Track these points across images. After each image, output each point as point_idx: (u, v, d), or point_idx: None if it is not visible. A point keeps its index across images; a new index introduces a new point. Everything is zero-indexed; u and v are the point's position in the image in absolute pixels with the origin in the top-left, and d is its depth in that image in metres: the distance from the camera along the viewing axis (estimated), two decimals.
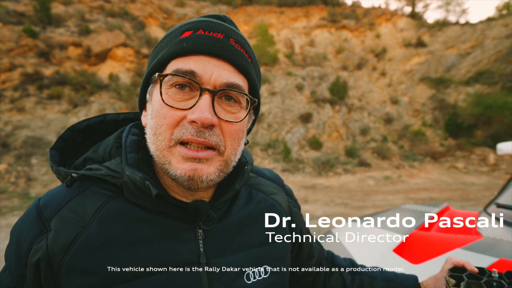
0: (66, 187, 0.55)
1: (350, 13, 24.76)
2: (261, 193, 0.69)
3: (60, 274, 0.50)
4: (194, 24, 0.53)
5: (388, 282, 0.79)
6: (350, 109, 17.92)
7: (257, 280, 0.59)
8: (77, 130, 0.65)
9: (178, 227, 0.55)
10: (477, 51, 20.28)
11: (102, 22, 16.81)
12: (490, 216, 1.65)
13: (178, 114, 0.50)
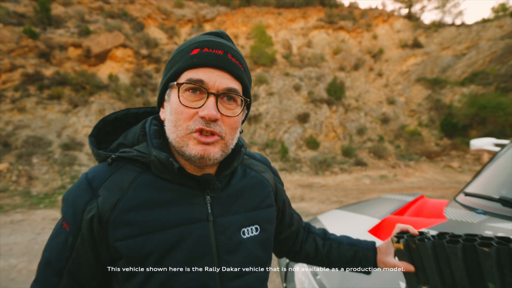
0: (108, 165, 0.73)
1: (347, 14, 24.98)
2: (253, 171, 0.87)
3: (108, 226, 0.67)
4: (200, 43, 0.71)
5: (351, 246, 0.98)
6: (347, 109, 18.13)
7: (250, 236, 0.78)
8: (108, 122, 0.83)
9: (192, 194, 0.73)
10: (472, 52, 20.53)
11: (101, 23, 16.95)
12: (458, 203, 1.84)
13: (192, 111, 0.68)
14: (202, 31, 20.62)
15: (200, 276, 0.70)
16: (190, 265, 0.69)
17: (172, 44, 18.99)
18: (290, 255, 1.02)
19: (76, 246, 0.68)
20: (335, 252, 0.97)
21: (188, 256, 0.69)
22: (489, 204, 1.67)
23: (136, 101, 13.60)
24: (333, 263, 0.99)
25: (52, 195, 9.21)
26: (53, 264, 0.70)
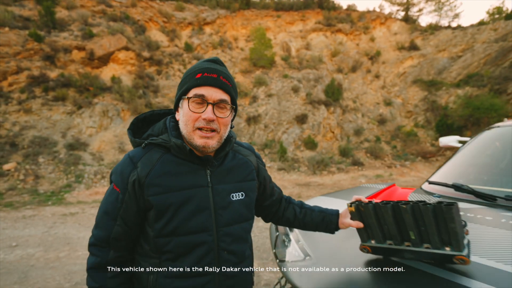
0: (142, 148, 1.08)
1: (345, 17, 25.37)
2: (240, 155, 1.22)
3: (143, 187, 1.01)
4: (202, 70, 1.05)
5: (321, 212, 1.35)
6: (344, 110, 18.49)
7: (237, 199, 1.12)
8: (139, 119, 1.20)
9: (197, 168, 1.08)
10: (467, 54, 20.91)
11: (104, 26, 17.31)
12: (422, 190, 2.21)
13: (197, 115, 1.03)
14: (203, 34, 21.01)
15: (202, 222, 1.04)
16: (196, 214, 1.03)
17: (173, 46, 19.36)
18: (274, 219, 1.38)
19: (125, 199, 1.03)
20: (308, 217, 1.34)
21: (195, 209, 1.04)
22: (445, 189, 2.03)
23: (139, 102, 13.95)
24: (307, 226, 1.35)
25: (58, 193, 9.56)
26: (109, 213, 1.04)
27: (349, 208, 1.26)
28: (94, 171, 11.23)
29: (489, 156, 2.26)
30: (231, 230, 1.08)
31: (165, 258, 1.01)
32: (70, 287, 3.41)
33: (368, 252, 1.30)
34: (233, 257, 1.07)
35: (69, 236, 5.21)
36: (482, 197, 1.73)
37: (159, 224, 1.00)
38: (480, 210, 1.63)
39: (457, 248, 1.07)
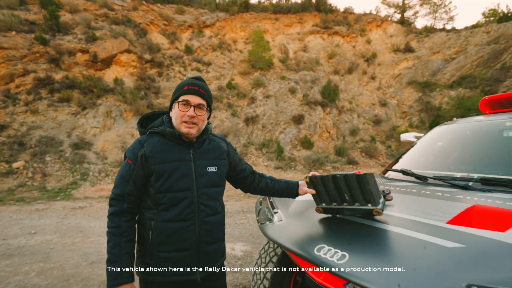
0: (147, 135, 1.58)
1: (342, 20, 25.90)
2: (214, 142, 1.71)
3: (148, 159, 1.48)
4: (188, 84, 1.54)
5: (286, 183, 1.86)
6: (340, 111, 19.01)
7: (211, 171, 1.60)
8: (145, 117, 1.70)
9: (184, 149, 1.56)
10: (460, 56, 21.45)
11: (107, 29, 17.83)
12: (381, 175, 2.72)
13: (183, 113, 1.51)
14: (202, 36, 21.50)
15: (186, 184, 1.51)
16: (182, 178, 1.51)
17: (173, 49, 19.87)
18: (251, 189, 1.89)
19: (135, 168, 1.50)
20: (277, 186, 1.85)
21: (181, 175, 1.51)
22: (396, 174, 2.55)
23: (140, 103, 14.45)
24: (276, 193, 1.87)
25: (66, 190, 10.06)
26: (124, 177, 1.51)
27: (305, 180, 1.78)
28: (99, 169, 11.74)
29: (435, 148, 2.78)
30: (207, 191, 1.56)
31: (161, 209, 1.48)
32: (87, 265, 3.92)
33: (321, 213, 1.81)
34: (208, 210, 1.56)
35: (81, 225, 5.72)
36: (418, 178, 2.25)
37: (158, 184, 1.48)
38: (414, 186, 2.14)
39: (374, 204, 1.58)
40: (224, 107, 16.83)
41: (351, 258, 1.35)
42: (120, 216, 1.46)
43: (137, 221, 1.56)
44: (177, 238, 1.46)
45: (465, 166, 2.31)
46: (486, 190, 1.81)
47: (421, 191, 1.97)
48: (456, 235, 1.31)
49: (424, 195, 1.87)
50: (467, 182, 1.95)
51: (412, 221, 1.52)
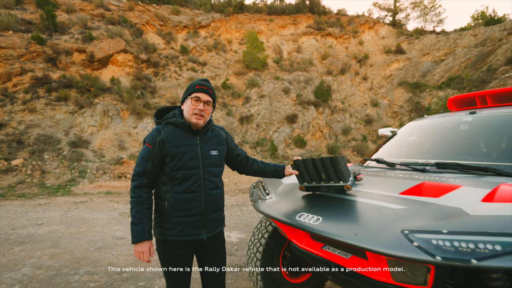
0: (163, 125, 1.95)
1: (335, 21, 26.40)
2: (216, 131, 2.08)
3: (164, 144, 1.85)
4: (199, 84, 1.93)
5: (274, 165, 2.25)
6: (333, 111, 19.48)
7: (214, 154, 1.98)
8: (159, 111, 2.07)
9: (192, 136, 1.93)
10: (449, 58, 22.07)
11: (103, 29, 18.05)
12: (359, 164, 3.11)
13: (194, 107, 1.89)
14: (198, 37, 21.79)
15: (195, 164, 1.88)
16: (191, 159, 1.87)
17: (169, 49, 20.15)
18: (245, 171, 2.27)
19: (154, 150, 1.86)
20: (267, 168, 2.24)
21: (191, 156, 1.88)
22: (371, 163, 2.94)
23: (137, 102, 14.72)
24: (266, 174, 2.25)
25: (65, 187, 10.33)
26: (145, 158, 1.87)
27: (290, 163, 2.16)
28: (96, 167, 12.00)
29: (406, 140, 3.19)
30: (210, 170, 1.94)
31: (174, 183, 1.85)
32: (95, 250, 4.25)
33: (303, 190, 2.20)
34: (212, 184, 1.94)
35: (84, 217, 6.04)
36: (388, 164, 2.65)
37: (172, 163, 1.85)
38: (383, 170, 2.54)
39: (344, 181, 1.97)
40: (219, 107, 17.17)
41: (323, 220, 1.74)
42: (141, 189, 1.83)
43: (155, 194, 1.92)
44: (187, 206, 1.84)
45: (428, 154, 2.71)
46: (438, 172, 2.21)
47: (387, 174, 2.37)
48: (403, 201, 1.71)
49: (389, 176, 2.27)
50: (425, 166, 2.36)
51: (374, 193, 1.92)
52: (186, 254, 1.88)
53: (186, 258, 1.89)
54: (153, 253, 1.82)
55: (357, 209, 1.77)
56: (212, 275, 2.01)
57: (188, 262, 1.92)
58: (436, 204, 1.58)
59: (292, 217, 1.92)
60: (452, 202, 1.57)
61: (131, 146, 13.53)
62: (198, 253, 1.98)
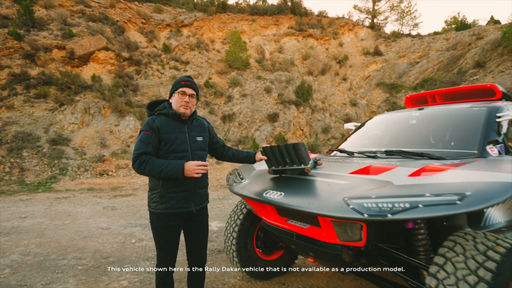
0: (156, 115, 2.26)
1: (316, 23, 27.05)
2: (200, 120, 2.41)
3: (159, 130, 2.16)
4: (184, 80, 2.26)
5: (247, 152, 2.59)
6: (313, 110, 20.04)
7: (200, 140, 2.31)
8: (150, 103, 2.37)
9: (181, 125, 2.25)
10: (423, 60, 23.11)
11: (83, 26, 17.85)
12: (323, 154, 3.49)
13: (181, 100, 2.21)
14: (180, 36, 21.86)
15: (184, 147, 2.20)
16: (181, 144, 2.20)
17: (151, 47, 20.13)
18: (222, 157, 2.60)
19: (152, 135, 2.17)
20: (240, 155, 2.58)
21: (181, 141, 2.20)
22: (335, 152, 3.33)
23: (119, 100, 14.72)
24: (240, 160, 2.59)
25: (45, 184, 10.29)
26: (143, 142, 2.16)
27: (260, 149, 2.50)
28: (78, 164, 11.97)
29: (367, 133, 3.60)
30: (197, 153, 2.27)
31: None
32: (81, 239, 4.46)
33: (271, 174, 2.54)
34: None
35: (68, 211, 6.17)
36: (348, 153, 3.04)
37: (165, 147, 2.17)
38: (342, 158, 2.92)
39: (305, 164, 2.32)
40: (202, 105, 17.36)
41: (285, 195, 2.09)
42: (147, 155, 2.12)
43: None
44: (179, 183, 2.15)
45: (382, 144, 3.12)
46: (386, 157, 2.61)
47: (345, 160, 2.75)
48: (350, 178, 2.08)
49: (345, 162, 2.65)
50: (376, 154, 2.75)
51: (328, 173, 2.29)
52: (176, 225, 2.20)
53: (176, 229, 2.21)
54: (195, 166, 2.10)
55: (313, 186, 2.13)
56: (197, 245, 2.33)
57: (177, 232, 2.24)
58: (374, 179, 1.96)
59: (260, 194, 2.26)
60: (386, 178, 1.96)
61: (113, 144, 13.54)
62: (185, 225, 2.30)
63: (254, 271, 3.10)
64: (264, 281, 3.17)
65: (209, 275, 3.24)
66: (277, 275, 3.27)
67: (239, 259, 3.02)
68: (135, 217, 5.81)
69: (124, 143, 13.72)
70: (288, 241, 2.39)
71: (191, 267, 2.37)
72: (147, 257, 3.79)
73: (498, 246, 1.55)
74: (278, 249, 3.33)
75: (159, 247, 2.23)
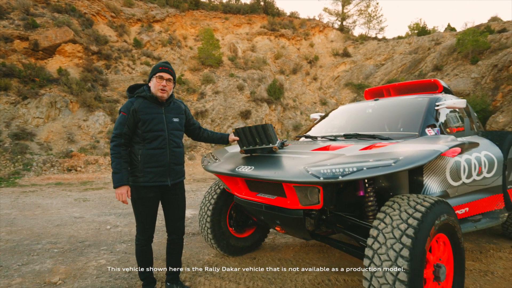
0: (134, 98, 2.45)
1: (288, 23, 27.66)
2: (177, 104, 2.62)
3: (137, 112, 2.35)
4: (162, 66, 2.46)
5: (221, 133, 2.85)
6: (285, 108, 20.56)
7: (176, 121, 2.51)
8: (131, 87, 2.56)
9: (158, 107, 2.45)
10: (388, 63, 24.41)
11: (48, 17, 17.11)
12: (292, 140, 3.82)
13: (159, 84, 2.41)
14: (152, 31, 21.55)
15: (161, 127, 2.40)
16: (158, 124, 2.39)
17: (121, 42, 19.68)
18: (198, 138, 2.83)
19: (128, 117, 2.36)
20: (215, 136, 2.83)
21: (158, 121, 2.40)
22: (302, 138, 3.66)
23: (88, 95, 14.33)
24: (214, 140, 2.84)
25: (8, 179, 9.88)
26: (122, 123, 2.35)
27: (233, 131, 2.76)
28: (43, 160, 11.56)
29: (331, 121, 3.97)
30: (173, 132, 2.48)
31: (146, 142, 2.36)
32: (54, 227, 4.47)
33: (243, 153, 2.81)
34: (174, 143, 2.47)
35: (37, 203, 6.07)
36: (312, 138, 3.37)
37: (143, 127, 2.35)
38: (307, 141, 3.25)
39: (273, 143, 2.62)
40: None
41: (255, 168, 2.37)
42: (120, 147, 2.32)
43: (129, 152, 2.40)
44: (156, 159, 2.36)
45: (343, 130, 3.49)
46: (345, 140, 2.97)
47: (309, 143, 3.08)
48: (311, 153, 2.40)
49: (308, 143, 2.98)
50: (336, 137, 3.11)
51: (293, 151, 2.60)
52: (154, 196, 2.40)
53: (154, 200, 2.42)
54: (129, 195, 2.31)
55: (279, 160, 2.43)
56: (174, 217, 2.55)
57: (155, 204, 2.44)
58: (331, 153, 2.29)
59: (233, 170, 2.52)
60: (341, 152, 2.29)
61: (81, 139, 13.18)
62: (163, 198, 2.51)
63: (227, 247, 3.36)
64: (237, 256, 3.44)
65: (184, 253, 3.45)
66: (248, 251, 3.55)
67: (213, 236, 3.26)
68: (108, 207, 5.85)
69: (94, 139, 13.39)
70: (258, 213, 2.67)
71: (169, 236, 2.59)
72: (124, 240, 3.92)
73: (424, 201, 1.92)
74: (250, 227, 3.61)
75: (138, 218, 2.43)
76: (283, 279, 2.80)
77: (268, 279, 2.81)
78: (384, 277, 1.72)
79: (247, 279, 2.81)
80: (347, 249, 2.49)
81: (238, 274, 2.93)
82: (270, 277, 2.86)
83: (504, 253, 3.44)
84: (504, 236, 3.95)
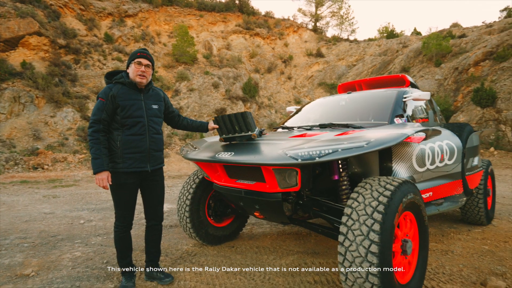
0: (113, 84, 2.44)
1: (263, 23, 27.87)
2: (156, 91, 2.62)
3: (115, 97, 2.33)
4: (140, 52, 2.46)
5: (200, 121, 2.88)
6: (260, 106, 20.71)
7: (155, 107, 2.52)
8: (109, 74, 2.54)
9: (137, 93, 2.45)
10: (359, 64, 25.26)
11: (10, 6, 16.14)
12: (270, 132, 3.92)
13: (138, 69, 2.41)
14: (124, 26, 20.96)
15: (140, 113, 2.40)
16: (137, 110, 2.39)
17: (91, 36, 18.96)
18: (177, 126, 2.85)
19: (107, 103, 2.34)
20: (194, 124, 2.86)
21: (137, 108, 2.40)
22: (279, 129, 3.76)
23: (55, 90, 13.69)
24: (194, 128, 2.87)
25: None
26: (100, 109, 2.32)
27: (212, 119, 2.81)
28: (6, 157, 10.93)
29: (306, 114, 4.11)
30: (152, 119, 2.48)
31: (125, 128, 2.35)
32: (22, 222, 4.28)
33: (222, 141, 2.87)
34: (154, 130, 2.47)
35: (1, 200, 5.76)
36: (287, 128, 3.49)
37: (122, 113, 2.34)
38: (284, 131, 3.36)
39: (251, 131, 2.69)
40: None
41: (235, 154, 2.44)
42: (98, 133, 2.29)
43: (108, 138, 2.37)
44: (135, 145, 2.35)
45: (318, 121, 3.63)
46: (318, 129, 3.10)
47: (285, 133, 3.19)
48: (289, 139, 2.50)
49: (285, 133, 3.08)
50: (312, 127, 3.24)
51: (272, 138, 2.69)
52: (133, 183, 2.40)
53: (133, 186, 2.41)
54: (110, 180, 2.28)
55: (258, 146, 2.51)
56: (153, 203, 2.56)
57: (134, 190, 2.43)
58: (307, 139, 2.41)
59: (213, 156, 2.58)
60: (317, 137, 2.41)
61: (48, 136, 12.58)
62: (142, 185, 2.50)
63: (205, 236, 3.39)
64: (215, 245, 3.48)
65: (163, 244, 3.45)
66: (227, 240, 3.61)
67: (192, 225, 3.29)
68: (80, 203, 5.67)
69: (62, 136, 12.83)
70: (237, 199, 2.74)
71: (148, 223, 2.60)
72: (99, 234, 3.84)
73: (393, 181, 2.08)
74: (228, 216, 3.67)
75: (117, 205, 2.41)
76: (262, 264, 2.89)
77: (247, 264, 2.89)
78: (357, 251, 1.85)
79: (226, 265, 2.87)
80: (323, 230, 2.61)
81: (217, 261, 2.99)
82: (249, 262, 2.93)
83: (463, 235, 3.74)
84: (463, 221, 4.28)
